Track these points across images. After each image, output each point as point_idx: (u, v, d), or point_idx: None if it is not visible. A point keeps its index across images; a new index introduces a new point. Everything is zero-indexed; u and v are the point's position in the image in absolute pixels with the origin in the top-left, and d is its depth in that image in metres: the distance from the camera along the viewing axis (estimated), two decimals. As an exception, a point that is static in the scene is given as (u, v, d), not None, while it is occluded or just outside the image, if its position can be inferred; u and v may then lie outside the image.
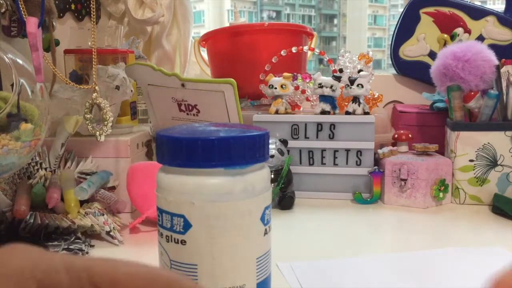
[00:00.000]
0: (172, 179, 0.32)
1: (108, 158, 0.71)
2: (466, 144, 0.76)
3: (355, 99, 0.78)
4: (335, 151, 0.79)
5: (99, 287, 0.17)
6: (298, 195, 0.78)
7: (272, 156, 0.73)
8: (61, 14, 0.89)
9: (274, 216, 0.35)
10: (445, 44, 1.02)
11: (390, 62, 1.12)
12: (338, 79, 0.79)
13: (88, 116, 0.65)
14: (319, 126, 0.79)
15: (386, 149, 0.79)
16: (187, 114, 0.76)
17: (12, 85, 0.52)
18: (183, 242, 0.31)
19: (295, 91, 0.85)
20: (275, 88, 0.80)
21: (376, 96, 0.86)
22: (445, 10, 1.04)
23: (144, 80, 0.77)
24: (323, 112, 0.79)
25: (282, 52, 0.87)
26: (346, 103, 0.84)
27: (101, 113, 0.66)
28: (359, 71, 0.80)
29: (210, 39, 1.03)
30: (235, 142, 0.30)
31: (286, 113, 0.81)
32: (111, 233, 0.58)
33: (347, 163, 0.79)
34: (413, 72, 1.08)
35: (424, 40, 1.06)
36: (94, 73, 0.66)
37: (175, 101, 0.76)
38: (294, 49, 0.87)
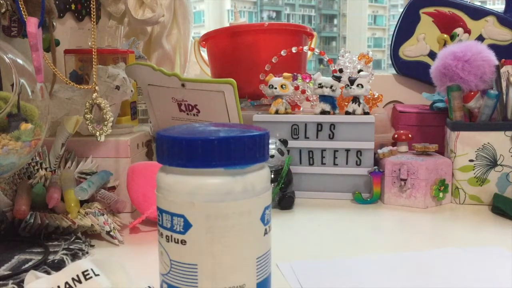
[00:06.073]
0: (172, 179, 0.32)
1: (108, 158, 0.71)
2: (466, 144, 0.76)
3: (355, 99, 0.78)
4: (335, 151, 0.79)
5: None
6: (298, 195, 0.78)
7: (272, 156, 0.73)
8: (61, 14, 0.89)
9: (274, 216, 0.35)
10: (445, 44, 1.02)
11: (390, 62, 1.12)
12: (338, 79, 0.79)
13: (88, 116, 0.65)
14: (319, 126, 0.79)
15: (386, 149, 0.79)
16: (187, 114, 0.76)
17: (12, 85, 0.52)
18: (183, 242, 0.31)
19: (295, 91, 0.85)
20: (275, 88, 0.80)
21: (376, 96, 0.86)
22: (445, 10, 1.04)
23: (144, 80, 0.77)
24: (323, 112, 0.79)
25: (282, 52, 0.87)
26: (346, 103, 0.84)
27: (101, 113, 0.66)
28: (359, 71, 0.80)
29: (210, 39, 1.03)
30: (235, 142, 0.30)
31: (286, 113, 0.81)
32: (111, 233, 0.58)
33: (347, 163, 0.79)
34: (413, 72, 1.08)
35: (424, 40, 1.06)
36: (94, 73, 0.66)
37: (175, 101, 0.76)
38: (294, 49, 0.88)
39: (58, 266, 0.49)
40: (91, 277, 0.39)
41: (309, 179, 0.80)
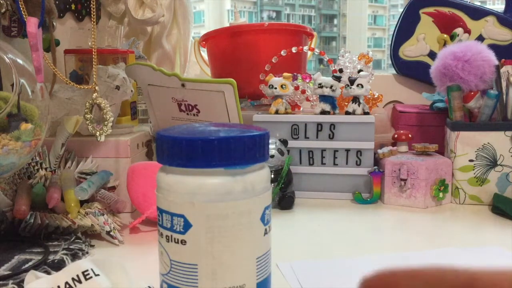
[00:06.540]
0: (172, 179, 0.32)
1: (108, 158, 0.71)
2: (466, 144, 0.76)
3: (355, 99, 0.78)
4: (335, 151, 0.79)
5: None
6: (298, 195, 0.78)
7: (272, 156, 0.73)
8: (61, 14, 0.89)
9: (274, 216, 0.35)
10: (445, 44, 1.02)
11: (390, 62, 1.12)
12: (338, 79, 0.79)
13: (88, 116, 0.65)
14: (319, 126, 0.79)
15: (386, 149, 0.79)
16: (187, 114, 0.76)
17: (12, 85, 0.52)
18: (183, 242, 0.31)
19: (295, 91, 0.85)
20: (275, 88, 0.80)
21: (376, 96, 0.86)
22: (445, 10, 1.04)
23: (144, 80, 0.77)
24: (323, 112, 0.79)
25: (282, 52, 0.87)
26: (346, 103, 0.84)
27: (101, 113, 0.66)
28: (359, 71, 0.80)
29: (210, 39, 1.03)
30: (235, 142, 0.30)
31: (286, 113, 0.81)
32: (111, 233, 0.58)
33: (347, 163, 0.79)
34: (413, 72, 1.08)
35: (424, 40, 1.06)
36: (94, 73, 0.66)
37: (175, 101, 0.76)
38: (294, 49, 0.88)
39: (58, 266, 0.49)
40: (91, 277, 0.39)
41: (309, 179, 0.80)
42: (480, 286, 0.15)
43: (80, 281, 0.39)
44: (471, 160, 0.76)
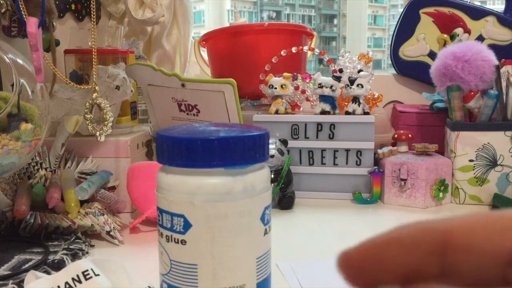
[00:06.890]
0: (172, 179, 0.32)
1: (108, 158, 0.71)
2: (466, 144, 0.76)
3: (355, 99, 0.78)
4: (335, 151, 0.79)
5: None
6: (298, 195, 0.78)
7: (272, 156, 0.73)
8: (61, 14, 0.89)
9: (274, 216, 0.35)
10: (445, 44, 1.02)
11: (390, 62, 1.12)
12: (338, 79, 0.79)
13: (88, 116, 0.65)
14: (319, 126, 0.79)
15: (386, 149, 0.79)
16: (187, 114, 0.76)
17: (12, 85, 0.52)
18: (183, 242, 0.31)
19: (295, 91, 0.85)
20: (275, 88, 0.80)
21: (376, 96, 0.86)
22: (445, 10, 1.04)
23: (144, 80, 0.77)
24: (323, 112, 0.79)
25: (282, 52, 0.87)
26: (346, 103, 0.84)
27: (101, 113, 0.66)
28: (359, 71, 0.80)
29: (210, 39, 1.03)
30: (235, 142, 0.30)
31: (286, 113, 0.81)
32: (111, 233, 0.58)
33: (347, 163, 0.79)
34: (413, 72, 1.08)
35: (424, 40, 1.06)
36: (94, 73, 0.66)
37: (175, 101, 0.76)
38: (294, 49, 0.88)
39: (58, 266, 0.49)
40: (91, 277, 0.39)
41: (309, 179, 0.80)
42: (455, 240, 0.14)
43: (80, 281, 0.39)
44: (471, 160, 0.76)
